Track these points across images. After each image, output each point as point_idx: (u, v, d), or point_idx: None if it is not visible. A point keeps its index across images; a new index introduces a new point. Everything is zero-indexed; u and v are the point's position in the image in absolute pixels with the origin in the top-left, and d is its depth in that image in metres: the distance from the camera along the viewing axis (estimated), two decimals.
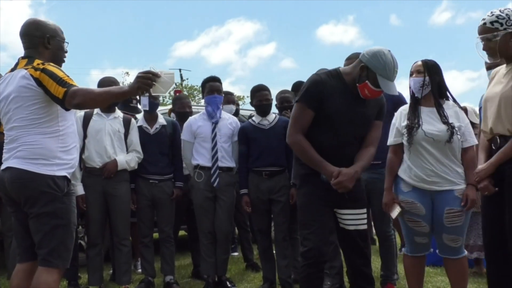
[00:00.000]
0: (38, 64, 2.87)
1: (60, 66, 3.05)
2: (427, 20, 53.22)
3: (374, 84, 3.07)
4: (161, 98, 4.86)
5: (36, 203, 2.84)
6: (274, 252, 4.62)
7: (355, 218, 3.24)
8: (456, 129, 3.40)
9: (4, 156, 2.94)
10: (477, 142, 3.42)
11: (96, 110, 4.55)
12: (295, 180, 3.42)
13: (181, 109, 5.25)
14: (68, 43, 3.15)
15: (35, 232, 2.88)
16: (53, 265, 2.86)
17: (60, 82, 2.78)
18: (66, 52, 3.14)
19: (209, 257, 4.59)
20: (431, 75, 3.49)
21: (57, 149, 2.90)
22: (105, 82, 4.59)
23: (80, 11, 52.46)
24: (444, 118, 3.43)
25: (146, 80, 2.70)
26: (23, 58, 3.00)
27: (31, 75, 2.83)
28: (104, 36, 51.99)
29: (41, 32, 3.00)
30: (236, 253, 6.40)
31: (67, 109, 2.87)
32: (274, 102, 4.90)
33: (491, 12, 3.03)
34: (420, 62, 3.55)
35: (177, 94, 6.19)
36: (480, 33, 3.05)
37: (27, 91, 2.85)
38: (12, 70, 3.00)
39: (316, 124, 3.19)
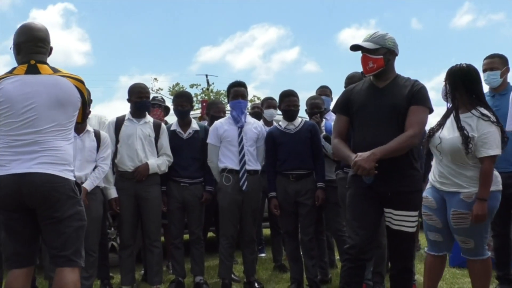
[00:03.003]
0: (74, 76, 2.93)
1: None
2: (448, 23, 52.42)
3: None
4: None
5: (62, 207, 2.81)
6: (301, 253, 4.64)
7: (400, 219, 3.22)
8: (470, 138, 3.33)
9: (15, 158, 2.76)
10: (490, 154, 3.30)
11: (128, 116, 4.62)
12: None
13: (217, 113, 5.27)
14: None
15: (56, 236, 2.84)
16: (78, 265, 2.89)
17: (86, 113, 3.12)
18: None
19: (227, 260, 4.60)
20: (451, 82, 3.51)
21: (73, 155, 2.96)
22: (135, 88, 4.66)
23: (109, 19, 53.19)
24: (459, 127, 3.39)
25: None
26: (38, 62, 2.89)
27: (75, 86, 2.90)
28: (132, 43, 52.52)
29: (50, 40, 3.02)
30: (263, 254, 6.42)
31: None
32: (304, 107, 4.95)
33: None
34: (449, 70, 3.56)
35: (204, 103, 6.24)
36: None
37: (77, 101, 2.91)
38: (29, 72, 2.85)
39: (354, 126, 3.34)
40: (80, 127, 3.22)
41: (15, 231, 2.88)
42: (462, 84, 3.46)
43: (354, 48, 3.30)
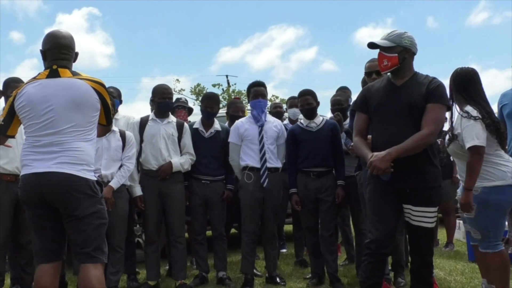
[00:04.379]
0: (93, 79, 2.95)
1: None
2: (464, 21, 51.83)
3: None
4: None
5: (81, 206, 2.84)
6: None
7: (418, 215, 3.20)
8: (455, 135, 3.50)
9: (38, 158, 2.86)
10: (467, 146, 3.36)
11: (151, 116, 4.66)
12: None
13: (235, 112, 5.28)
14: None
15: (77, 233, 2.88)
16: (100, 261, 2.91)
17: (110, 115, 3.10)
18: None
19: (249, 256, 4.60)
20: (450, 86, 3.62)
21: (93, 155, 2.98)
22: (159, 89, 4.69)
23: (132, 23, 53.73)
24: (451, 127, 3.57)
25: None
26: (60, 67, 2.96)
27: (93, 88, 2.92)
28: (154, 46, 53.00)
29: (75, 47, 3.05)
30: (284, 250, 6.42)
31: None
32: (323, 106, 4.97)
33: None
34: None
35: (236, 100, 6.24)
36: None
37: (95, 102, 2.92)
38: (50, 76, 2.93)
39: (373, 124, 3.33)
40: (106, 129, 3.23)
41: (41, 227, 2.96)
42: (454, 85, 3.59)
43: (371, 46, 3.29)
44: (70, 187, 2.82)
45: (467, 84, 3.56)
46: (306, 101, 4.62)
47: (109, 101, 3.05)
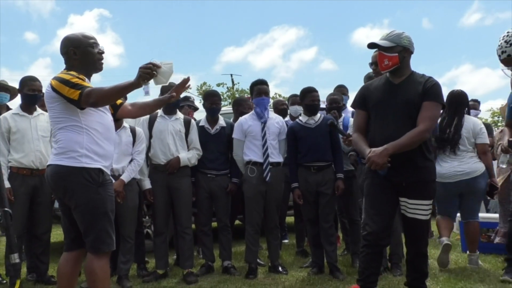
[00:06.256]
0: (58, 73, 2.92)
1: (94, 68, 3.03)
2: (457, 22, 51.85)
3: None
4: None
5: (73, 196, 2.82)
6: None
7: (414, 208, 3.24)
8: None
9: None
10: None
11: (160, 113, 4.68)
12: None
13: (246, 110, 5.24)
14: (97, 43, 3.04)
15: (79, 223, 2.88)
16: (100, 251, 2.85)
17: (73, 85, 2.78)
18: (100, 52, 3.04)
19: (253, 246, 4.64)
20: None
21: (85, 142, 2.85)
22: (166, 87, 4.69)
23: (140, 24, 54.02)
24: None
25: (147, 70, 2.69)
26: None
27: (50, 83, 2.88)
28: (161, 45, 53.26)
29: (65, 47, 3.01)
30: (286, 241, 6.46)
31: (82, 108, 2.84)
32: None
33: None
34: None
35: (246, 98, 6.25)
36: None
37: (47, 95, 2.89)
38: None
39: (371, 120, 3.35)
40: (116, 124, 3.24)
41: (63, 217, 3.02)
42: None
43: (371, 46, 3.31)
44: (60, 178, 2.84)
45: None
46: (316, 98, 4.64)
47: (57, 85, 2.84)
